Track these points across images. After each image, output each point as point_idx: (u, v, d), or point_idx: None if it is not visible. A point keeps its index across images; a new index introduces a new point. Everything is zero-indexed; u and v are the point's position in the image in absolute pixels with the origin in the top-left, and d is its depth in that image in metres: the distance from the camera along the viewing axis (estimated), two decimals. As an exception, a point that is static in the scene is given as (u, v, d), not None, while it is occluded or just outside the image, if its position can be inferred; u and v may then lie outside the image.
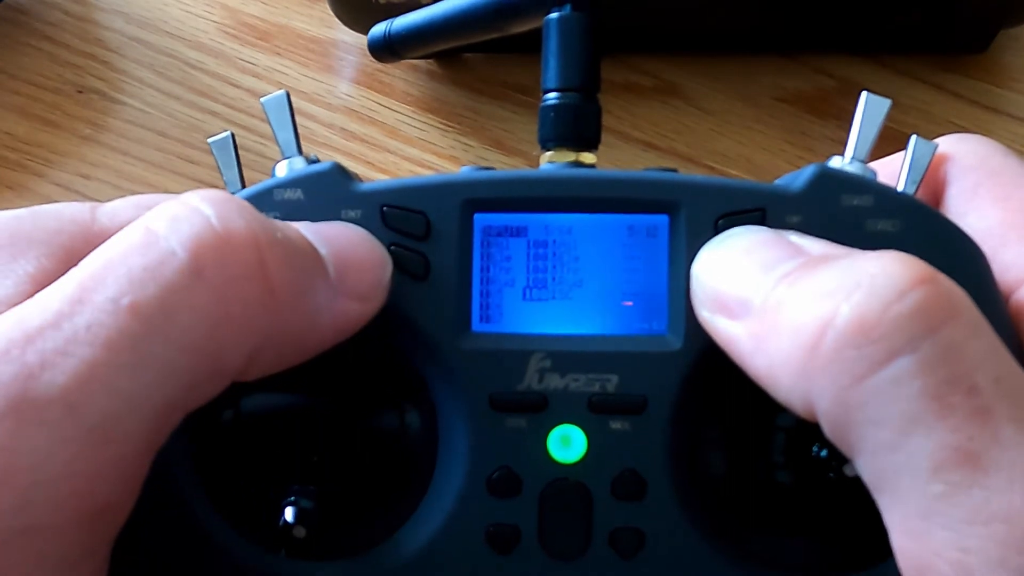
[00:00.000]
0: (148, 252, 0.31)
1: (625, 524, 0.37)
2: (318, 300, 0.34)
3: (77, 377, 0.29)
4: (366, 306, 0.36)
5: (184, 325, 0.31)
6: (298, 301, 0.33)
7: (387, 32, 0.61)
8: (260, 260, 0.32)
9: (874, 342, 0.30)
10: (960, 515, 0.29)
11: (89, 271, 0.31)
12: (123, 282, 0.30)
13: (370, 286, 0.36)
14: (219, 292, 0.31)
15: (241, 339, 0.32)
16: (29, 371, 0.29)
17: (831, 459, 0.37)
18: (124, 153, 0.65)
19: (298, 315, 0.34)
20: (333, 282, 0.35)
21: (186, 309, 0.31)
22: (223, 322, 0.31)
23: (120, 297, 0.30)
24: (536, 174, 0.39)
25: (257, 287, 0.32)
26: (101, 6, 0.70)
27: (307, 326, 0.34)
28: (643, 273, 0.38)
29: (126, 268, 0.31)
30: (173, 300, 0.30)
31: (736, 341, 0.34)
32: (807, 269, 0.33)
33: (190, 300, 0.31)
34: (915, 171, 0.39)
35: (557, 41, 0.41)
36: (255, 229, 0.32)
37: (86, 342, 0.29)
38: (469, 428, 0.37)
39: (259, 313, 0.32)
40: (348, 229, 0.37)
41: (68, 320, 0.30)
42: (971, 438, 0.29)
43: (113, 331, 0.30)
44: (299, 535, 0.37)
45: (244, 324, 0.32)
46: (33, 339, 0.29)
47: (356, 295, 0.36)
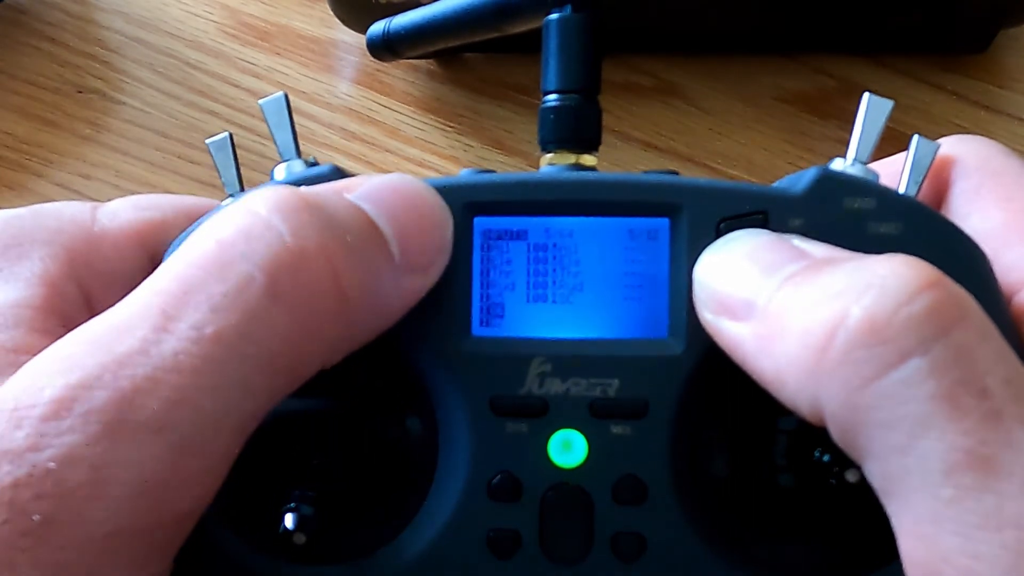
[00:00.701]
0: (226, 276, 0.32)
1: (626, 529, 0.37)
2: (386, 288, 0.35)
3: (166, 402, 0.30)
4: (430, 274, 0.37)
5: (264, 346, 0.32)
6: (369, 299, 0.34)
7: (386, 31, 0.61)
8: (333, 274, 0.33)
9: (885, 343, 0.30)
10: (971, 520, 0.29)
11: (169, 294, 0.32)
12: (204, 309, 0.31)
13: (434, 253, 0.37)
14: (296, 311, 0.32)
15: (317, 350, 0.33)
16: (122, 396, 0.30)
17: (833, 463, 0.37)
18: (124, 153, 0.65)
19: (369, 311, 0.35)
20: (398, 262, 0.35)
21: (265, 332, 0.32)
22: (301, 339, 0.32)
23: (203, 326, 0.31)
24: (536, 177, 0.39)
25: (332, 302, 0.33)
26: (101, 6, 0.70)
27: (378, 315, 0.35)
28: (644, 277, 0.38)
29: (206, 295, 0.32)
30: (253, 325, 0.32)
31: (740, 343, 0.34)
32: (813, 271, 0.33)
33: (269, 323, 0.32)
34: (917, 171, 0.38)
35: (557, 42, 0.41)
36: (327, 242, 0.33)
37: (173, 369, 0.31)
38: (470, 433, 0.37)
39: (334, 324, 0.33)
40: (407, 188, 0.37)
41: (155, 347, 0.31)
42: (983, 441, 0.29)
43: (198, 359, 0.31)
44: (299, 541, 0.37)
45: (320, 337, 0.33)
46: (124, 365, 0.31)
47: (420, 267, 0.36)
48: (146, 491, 0.30)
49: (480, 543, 0.37)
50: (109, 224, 0.39)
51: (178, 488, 0.31)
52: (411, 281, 0.36)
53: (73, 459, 0.29)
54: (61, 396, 0.30)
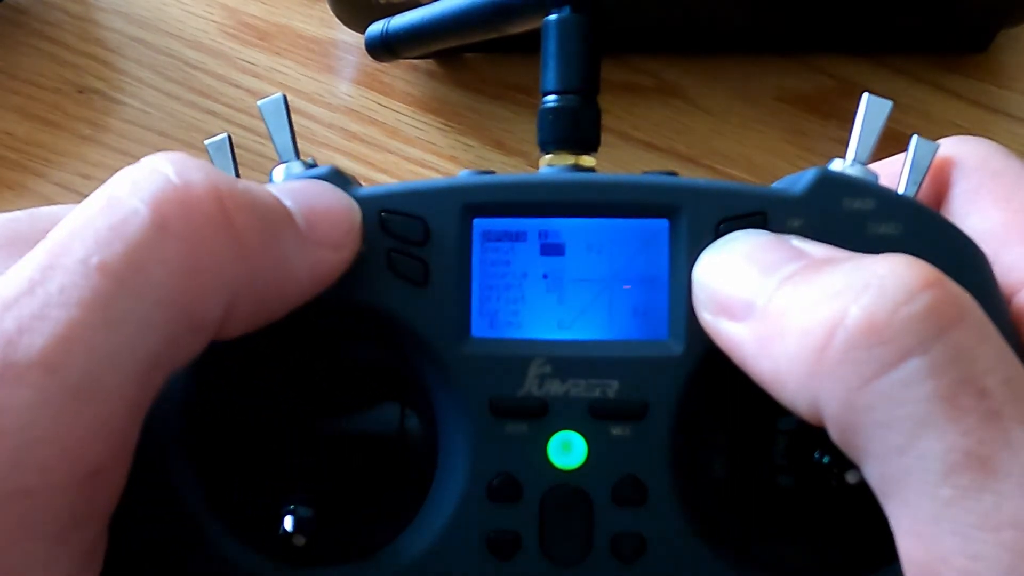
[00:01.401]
0: (112, 213, 0.31)
1: (626, 530, 0.37)
2: (289, 249, 0.35)
3: (55, 339, 0.29)
4: (340, 254, 0.36)
5: (155, 279, 0.31)
6: (268, 249, 0.34)
7: (384, 31, 0.61)
8: (223, 209, 0.32)
9: (884, 343, 0.30)
10: (970, 520, 0.29)
11: (57, 238, 0.31)
12: (90, 243, 0.31)
13: (342, 234, 0.36)
14: (186, 243, 0.32)
15: (214, 289, 0.33)
16: (8, 337, 0.29)
17: (833, 464, 0.37)
18: (124, 153, 0.65)
19: (270, 264, 0.34)
20: (303, 231, 0.35)
21: (155, 263, 0.31)
22: (193, 273, 0.32)
23: (88, 257, 0.30)
24: (535, 178, 0.39)
25: (223, 235, 0.32)
26: (101, 6, 0.70)
27: (281, 275, 0.35)
28: (643, 278, 0.38)
29: (92, 230, 0.31)
30: (141, 255, 0.31)
31: (739, 343, 0.34)
32: (811, 271, 0.33)
33: (158, 254, 0.31)
34: (916, 171, 0.38)
35: (556, 43, 0.41)
36: (215, 180, 0.33)
37: (60, 304, 0.30)
38: (469, 434, 0.37)
39: (229, 262, 0.33)
40: (311, 183, 0.37)
41: (41, 286, 0.30)
42: (982, 442, 0.29)
43: (86, 291, 0.30)
44: (299, 543, 0.37)
45: (215, 274, 0.32)
46: (9, 306, 0.30)
47: (328, 243, 0.36)
48: (44, 440, 0.29)
49: (480, 544, 0.37)
50: None
51: (81, 437, 0.30)
52: (319, 253, 0.36)
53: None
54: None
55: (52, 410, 0.29)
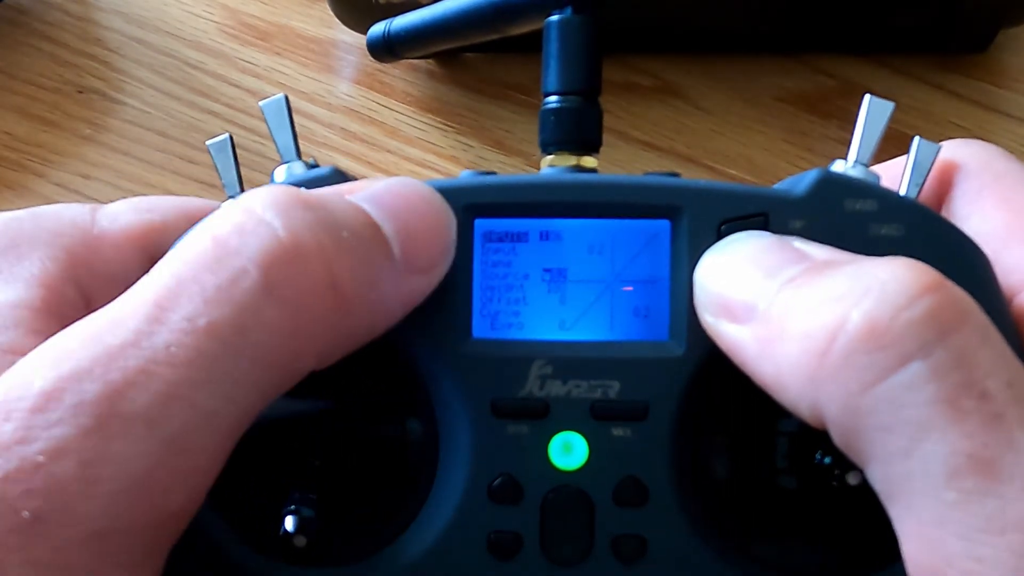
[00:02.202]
0: (220, 270, 0.32)
1: (627, 531, 0.37)
2: (385, 287, 0.34)
3: (158, 396, 0.30)
4: (432, 276, 0.36)
5: (257, 341, 0.31)
6: (367, 296, 0.34)
7: (386, 32, 0.61)
8: (328, 270, 0.32)
9: (885, 347, 0.30)
10: (974, 523, 0.29)
11: (163, 287, 0.32)
12: (197, 301, 0.31)
13: (436, 255, 0.36)
14: (290, 307, 0.32)
15: (312, 346, 0.33)
16: (114, 389, 0.30)
17: (834, 466, 0.37)
18: (124, 153, 0.65)
19: (367, 309, 0.34)
20: (398, 262, 0.35)
21: (259, 326, 0.31)
22: (295, 335, 0.32)
23: (196, 317, 0.31)
24: (537, 179, 0.39)
25: (327, 298, 0.32)
26: (101, 6, 0.70)
27: (376, 314, 0.35)
28: (645, 279, 0.38)
29: (199, 287, 0.31)
30: (246, 318, 0.31)
31: (741, 346, 0.34)
32: (813, 274, 0.33)
33: (262, 317, 0.31)
34: (918, 173, 0.38)
35: (558, 44, 0.41)
36: (321, 238, 0.33)
37: (166, 362, 0.30)
38: (470, 435, 0.37)
39: (330, 320, 0.33)
40: (409, 191, 0.36)
41: (147, 339, 0.30)
42: (985, 444, 0.29)
43: (191, 351, 0.30)
44: (299, 544, 0.37)
45: (315, 333, 0.33)
46: (115, 357, 0.30)
47: (422, 268, 0.36)
48: (137, 487, 0.30)
49: (481, 545, 0.37)
50: (109, 226, 0.39)
51: (170, 485, 0.31)
52: (412, 282, 0.35)
53: (63, 452, 0.29)
54: (51, 388, 0.30)
55: (148, 462, 0.30)
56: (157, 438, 0.30)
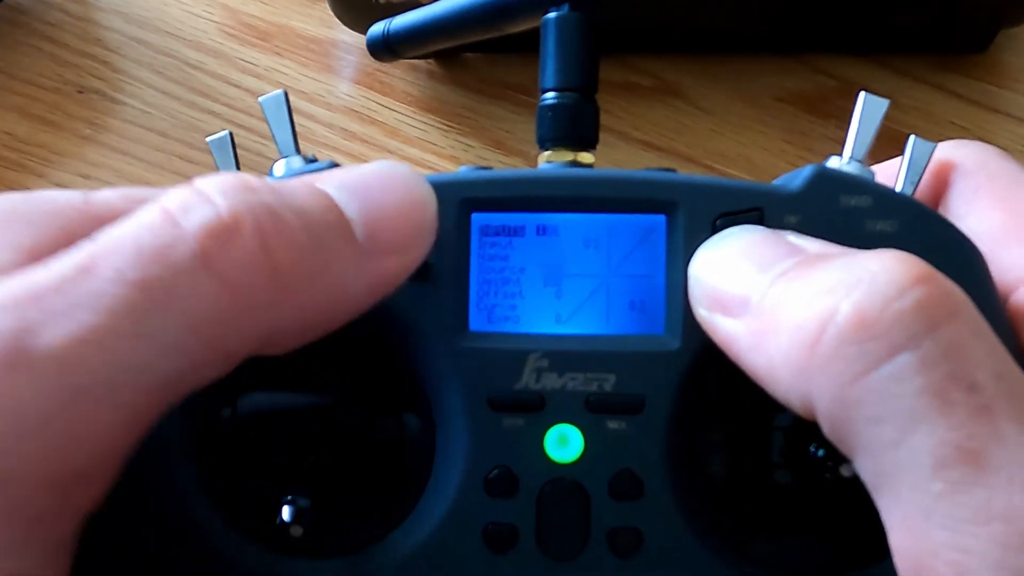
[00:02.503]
0: (159, 233, 0.31)
1: (622, 524, 0.37)
2: (341, 269, 0.34)
3: (74, 338, 0.29)
4: (405, 258, 0.35)
5: (187, 308, 0.31)
6: (314, 279, 0.33)
7: (385, 31, 0.61)
8: (266, 250, 0.32)
9: (875, 338, 0.30)
10: (960, 514, 0.29)
11: (101, 243, 0.31)
12: (132, 257, 0.30)
13: (409, 236, 0.35)
14: (225, 282, 0.31)
15: (248, 325, 0.32)
16: (28, 326, 0.29)
17: (828, 459, 0.37)
18: (124, 153, 0.65)
19: (316, 292, 0.33)
20: (362, 244, 0.34)
21: (191, 295, 0.31)
22: (228, 310, 0.31)
23: (127, 269, 0.30)
24: (534, 173, 0.39)
25: (265, 278, 0.32)
26: (101, 6, 0.70)
27: (332, 298, 0.34)
28: (641, 273, 0.38)
29: (136, 244, 0.31)
30: (179, 284, 0.30)
31: (734, 339, 0.34)
32: (805, 267, 0.33)
33: (196, 287, 0.31)
34: (913, 171, 0.39)
35: (555, 41, 0.41)
36: (262, 218, 0.32)
37: (88, 307, 0.29)
38: (466, 427, 0.37)
39: (267, 301, 0.32)
40: (384, 171, 0.36)
41: (73, 285, 0.30)
42: (972, 436, 0.29)
43: (117, 300, 0.30)
44: (296, 534, 0.37)
45: (251, 312, 0.32)
46: (38, 298, 0.30)
47: (392, 249, 0.35)
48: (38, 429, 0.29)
49: (477, 537, 0.37)
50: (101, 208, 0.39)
51: (75, 436, 0.29)
52: (380, 264, 0.34)
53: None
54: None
55: (53, 405, 0.29)
56: (67, 381, 0.29)
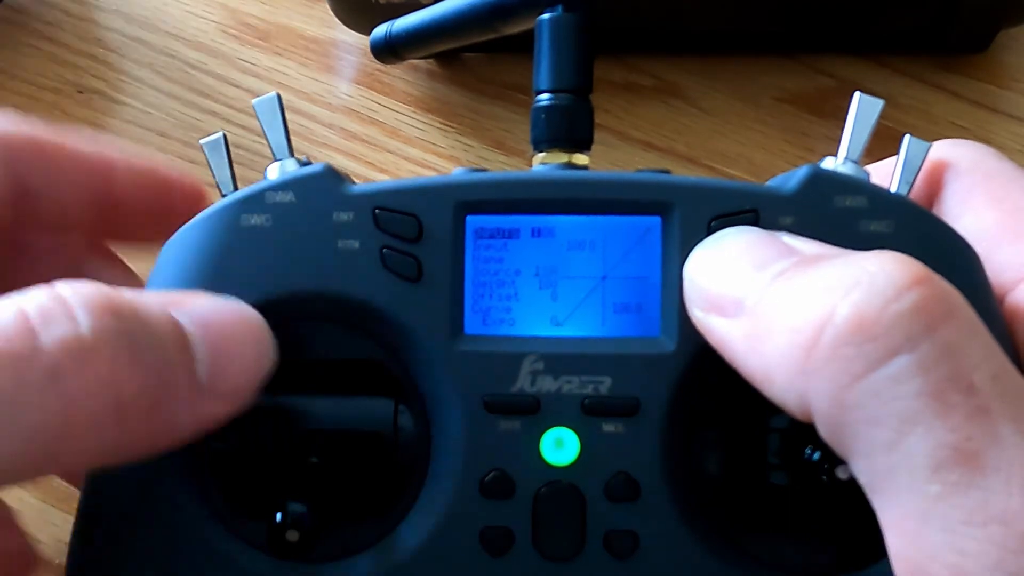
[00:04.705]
0: (14, 342, 0.31)
1: (619, 526, 0.37)
2: (177, 409, 0.34)
3: None
4: (233, 404, 0.36)
5: (28, 422, 0.31)
6: (150, 416, 0.33)
7: (388, 33, 0.61)
8: (115, 382, 0.32)
9: (873, 340, 0.30)
10: (957, 516, 0.29)
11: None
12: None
13: (244, 385, 0.36)
14: (70, 400, 0.31)
15: (83, 447, 0.32)
16: None
17: (824, 460, 0.37)
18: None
19: (149, 427, 0.34)
20: (202, 384, 0.34)
21: (34, 408, 0.31)
22: (68, 429, 0.32)
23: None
24: (528, 176, 0.39)
25: (107, 406, 0.32)
26: (101, 6, 0.70)
27: (160, 434, 0.34)
28: (636, 275, 0.38)
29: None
30: (24, 396, 0.31)
31: (730, 340, 0.34)
32: (801, 268, 0.33)
33: (40, 401, 0.31)
34: (908, 171, 0.39)
35: (549, 42, 0.41)
36: (119, 350, 0.32)
37: None
38: (462, 430, 0.37)
39: (104, 427, 0.32)
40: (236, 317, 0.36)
41: None
42: (970, 438, 0.29)
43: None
44: (292, 539, 0.37)
45: (88, 435, 0.32)
46: None
47: (225, 395, 0.35)
48: None
49: (473, 541, 0.37)
50: None
51: None
52: (211, 406, 0.35)
53: None
54: None
55: None
56: None
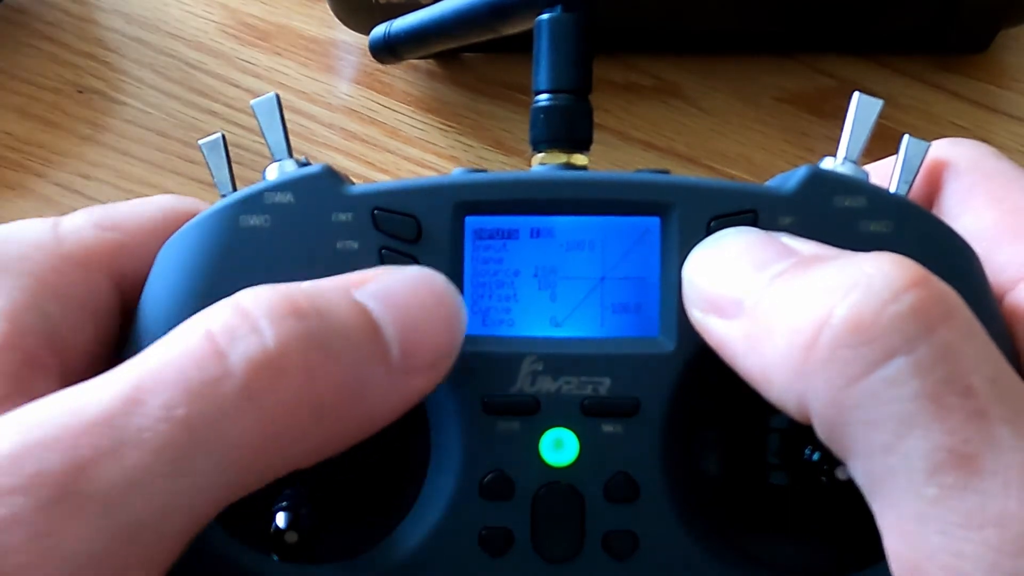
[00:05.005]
0: (205, 367, 0.31)
1: (618, 527, 0.37)
2: (377, 394, 0.34)
3: (120, 478, 0.29)
4: (435, 373, 0.35)
5: (229, 443, 0.31)
6: (349, 411, 0.33)
7: (387, 33, 0.61)
8: (312, 386, 0.32)
9: (870, 342, 0.30)
10: (954, 519, 0.29)
11: (147, 371, 0.31)
12: (178, 392, 0.30)
13: (441, 356, 0.35)
14: (267, 416, 0.31)
15: (284, 455, 0.32)
16: (77, 464, 0.29)
17: (824, 461, 0.37)
18: (124, 153, 0.65)
19: (348, 422, 0.33)
20: (396, 364, 0.34)
21: (233, 429, 0.31)
22: (268, 442, 0.31)
23: (174, 407, 0.30)
24: (527, 176, 0.39)
25: (307, 412, 0.32)
26: (101, 6, 0.70)
27: (364, 420, 0.34)
28: (635, 275, 0.38)
29: (184, 378, 0.31)
30: (223, 419, 0.31)
31: (728, 341, 0.34)
32: (800, 269, 0.33)
33: (239, 421, 0.31)
34: (907, 171, 0.39)
35: (548, 42, 0.41)
36: (309, 353, 0.32)
37: (135, 445, 0.29)
38: (461, 431, 0.37)
39: (306, 433, 0.32)
40: (422, 287, 0.35)
41: (121, 419, 0.30)
42: (967, 440, 0.29)
43: (163, 439, 0.30)
44: (291, 540, 0.37)
45: (289, 444, 0.32)
46: (85, 433, 0.29)
47: (424, 368, 0.35)
48: (87, 568, 0.29)
49: (472, 542, 0.37)
50: (74, 247, 0.38)
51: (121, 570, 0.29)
52: (409, 383, 0.34)
53: (15, 522, 0.28)
54: (14, 453, 0.29)
55: (100, 546, 0.29)
56: (113, 522, 0.29)
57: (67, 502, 0.29)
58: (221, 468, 0.31)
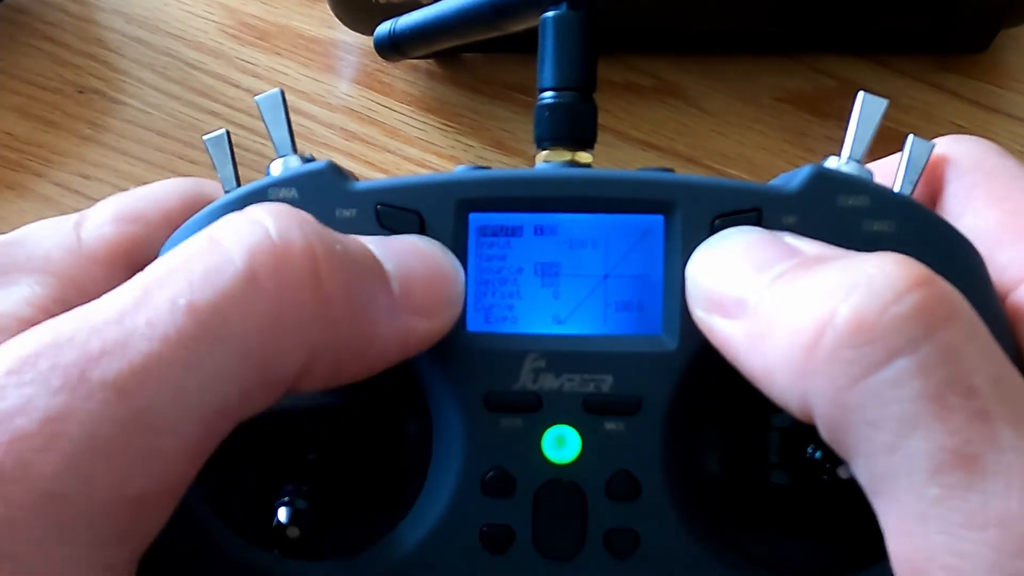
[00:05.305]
0: (208, 258, 0.32)
1: (619, 525, 0.37)
2: (378, 313, 0.34)
3: (132, 367, 0.30)
4: (433, 322, 0.36)
5: (238, 329, 0.31)
6: (355, 313, 0.34)
7: (392, 31, 0.61)
8: (314, 269, 0.32)
9: (872, 343, 0.30)
10: (956, 519, 0.29)
11: (154, 274, 0.32)
12: (183, 284, 0.31)
13: (438, 302, 0.36)
14: (272, 299, 0.32)
15: (293, 346, 0.33)
16: (89, 356, 0.30)
17: (826, 460, 0.37)
18: (124, 153, 0.65)
19: (355, 327, 0.34)
20: (396, 297, 0.35)
21: (240, 314, 0.31)
22: (275, 328, 0.32)
23: (178, 297, 0.31)
24: (531, 173, 0.39)
25: (310, 296, 0.32)
26: (101, 6, 0.70)
27: (365, 338, 0.34)
28: (638, 273, 0.38)
29: (187, 271, 0.32)
30: (228, 304, 0.31)
31: (731, 341, 0.34)
32: (803, 269, 0.33)
33: (244, 306, 0.31)
34: (912, 171, 0.38)
35: (553, 40, 0.41)
36: (311, 240, 0.33)
37: (144, 336, 0.30)
38: (464, 428, 0.37)
39: (312, 321, 0.33)
40: (418, 243, 0.37)
41: (130, 316, 0.31)
42: (969, 441, 0.29)
43: (170, 328, 0.30)
44: (293, 535, 0.37)
45: (297, 332, 0.32)
46: (95, 330, 0.30)
47: (422, 311, 0.36)
48: (100, 453, 0.29)
49: (473, 538, 0.37)
50: (95, 243, 0.39)
51: (133, 461, 0.30)
52: (410, 320, 0.35)
53: (28, 409, 0.29)
54: (28, 353, 0.30)
55: (114, 429, 0.30)
56: (126, 407, 0.30)
57: (78, 388, 0.29)
58: (232, 357, 0.31)
